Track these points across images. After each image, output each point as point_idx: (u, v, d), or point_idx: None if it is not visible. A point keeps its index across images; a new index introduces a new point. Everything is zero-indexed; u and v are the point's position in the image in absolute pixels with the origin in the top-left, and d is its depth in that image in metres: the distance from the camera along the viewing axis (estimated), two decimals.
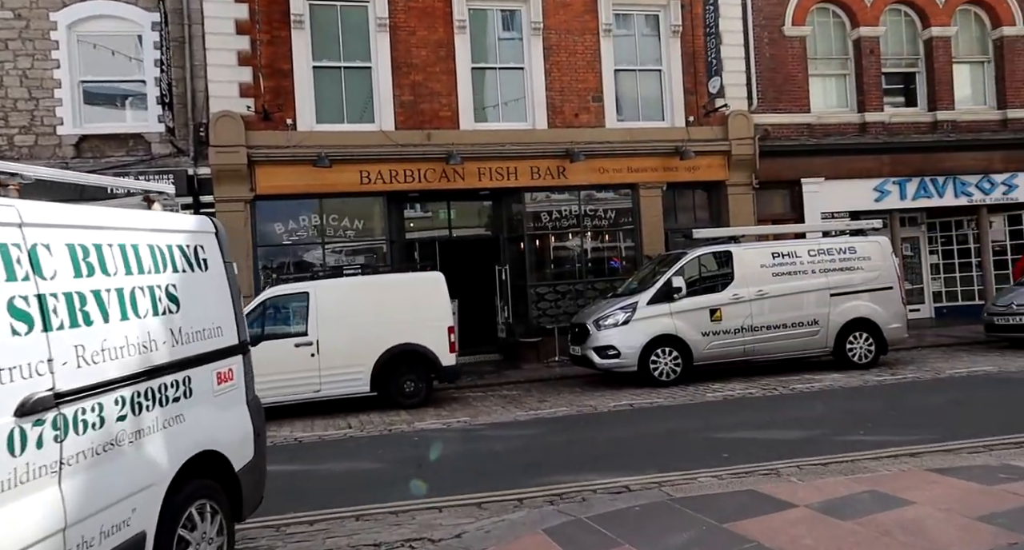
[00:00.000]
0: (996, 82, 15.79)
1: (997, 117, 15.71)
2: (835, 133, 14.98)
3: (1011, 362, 9.93)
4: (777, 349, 10.14)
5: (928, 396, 7.85)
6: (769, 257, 10.19)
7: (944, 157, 15.35)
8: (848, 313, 10.19)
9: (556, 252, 14.16)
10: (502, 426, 7.66)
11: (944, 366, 9.88)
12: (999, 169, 15.59)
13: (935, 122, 15.36)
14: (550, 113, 13.67)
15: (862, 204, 15.06)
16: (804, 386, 8.92)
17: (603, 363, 9.95)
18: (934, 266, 17.18)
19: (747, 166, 14.23)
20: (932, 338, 13.42)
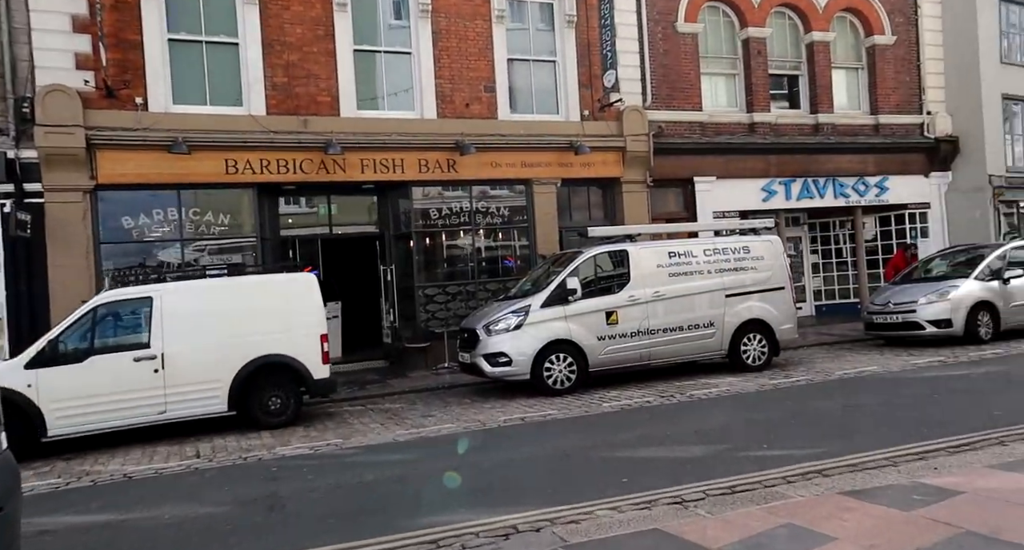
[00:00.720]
0: (869, 88, 16.43)
1: (871, 122, 16.34)
2: (726, 132, 15.02)
3: (891, 361, 10.07)
4: (674, 353, 9.79)
5: (823, 401, 7.65)
6: (666, 257, 9.82)
7: (825, 159, 15.78)
8: (743, 314, 10.00)
9: (446, 251, 13.30)
10: (378, 449, 6.74)
11: (832, 367, 9.87)
12: (872, 172, 16.22)
13: (817, 125, 15.76)
14: (439, 102, 12.79)
15: (751, 204, 15.21)
16: (702, 392, 8.57)
17: (493, 371, 9.21)
18: (815, 265, 17.73)
19: (642, 163, 13.96)
20: (815, 336, 13.66)
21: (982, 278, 11.40)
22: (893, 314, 11.62)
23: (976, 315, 11.09)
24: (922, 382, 8.27)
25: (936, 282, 11.78)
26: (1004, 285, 11.36)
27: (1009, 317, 11.30)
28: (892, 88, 16.48)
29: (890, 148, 16.34)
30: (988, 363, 9.33)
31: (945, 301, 11.14)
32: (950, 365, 9.37)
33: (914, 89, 16.73)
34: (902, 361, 9.93)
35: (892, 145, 16.33)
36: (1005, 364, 9.17)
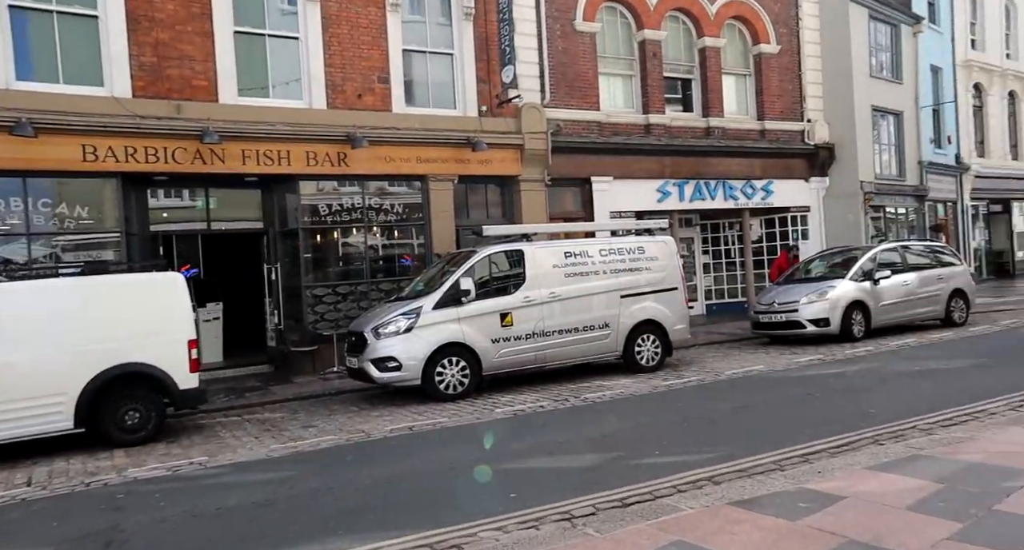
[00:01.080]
0: (756, 95, 17.08)
1: (757, 127, 16.99)
2: (623, 133, 15.15)
3: (776, 360, 10.39)
4: (570, 355, 9.64)
5: (713, 402, 7.70)
6: (561, 257, 9.66)
7: (716, 162, 16.25)
8: (637, 315, 10.00)
9: (337, 249, 12.63)
10: (247, 467, 6.12)
11: (722, 366, 10.05)
12: (759, 176, 16.87)
13: (708, 128, 16.20)
14: (329, 92, 12.10)
15: (646, 204, 15.42)
16: (596, 395, 8.45)
17: (382, 377, 8.72)
18: (706, 265, 18.27)
19: (540, 161, 13.81)
20: (706, 335, 14.01)
21: (856, 279, 12.01)
22: (777, 313, 12.05)
23: (851, 314, 11.66)
24: (804, 381, 8.51)
25: (816, 282, 12.32)
26: (875, 285, 12.02)
27: (879, 316, 11.97)
28: (777, 95, 17.22)
29: (775, 153, 17.06)
30: (861, 360, 9.77)
31: (824, 301, 11.65)
32: (828, 363, 9.74)
33: (796, 97, 17.56)
34: (786, 360, 10.26)
35: (776, 150, 17.05)
36: (876, 361, 9.63)
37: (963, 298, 12.95)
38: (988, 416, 6.23)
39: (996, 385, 7.40)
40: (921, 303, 12.47)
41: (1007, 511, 3.85)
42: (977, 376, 8.13)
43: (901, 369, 8.87)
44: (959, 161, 21.66)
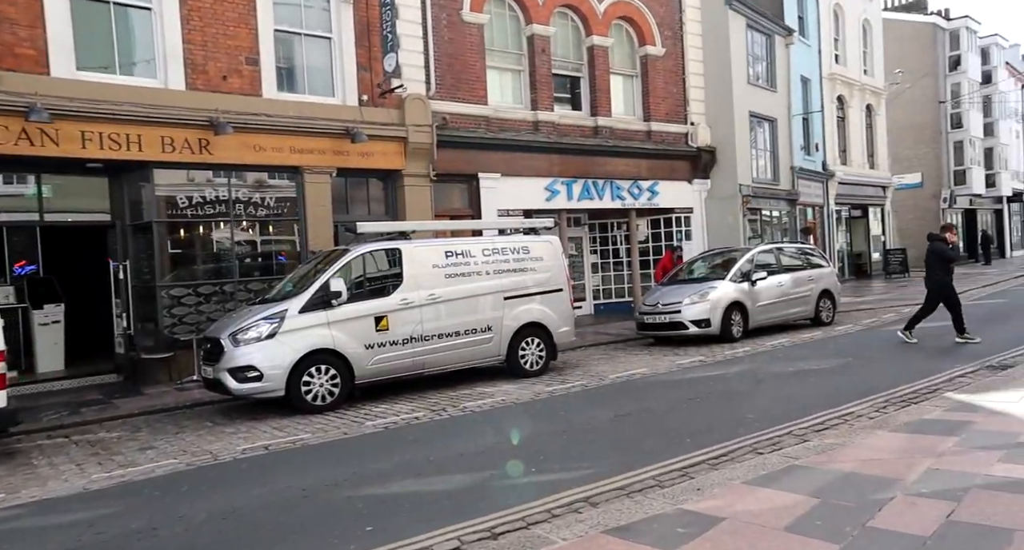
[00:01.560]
0: (643, 96, 17.27)
1: (644, 128, 17.18)
2: (511, 129, 14.81)
3: (659, 361, 10.36)
4: (451, 360, 9.13)
5: (595, 409, 7.43)
6: (442, 256, 9.12)
7: (604, 161, 16.26)
8: (521, 317, 9.63)
9: (199, 245, 11.50)
10: (53, 506, 5.16)
11: (606, 369, 9.88)
12: (645, 176, 17.07)
13: (596, 127, 16.18)
14: (189, 71, 10.94)
15: (535, 203, 15.17)
16: (475, 404, 7.99)
17: (241, 388, 7.85)
18: (594, 265, 18.32)
19: (425, 156, 13.20)
20: (593, 336, 13.94)
21: (735, 280, 12.27)
22: (661, 314, 12.09)
23: (730, 315, 11.88)
24: (685, 384, 8.45)
25: (698, 283, 12.48)
26: (752, 286, 12.32)
27: (756, 316, 12.28)
28: (662, 98, 17.48)
29: (660, 155, 17.32)
30: (740, 362, 9.90)
31: (705, 302, 11.80)
32: (709, 365, 9.80)
33: (680, 100, 17.92)
34: (668, 361, 10.24)
35: (662, 152, 17.32)
36: (753, 362, 9.78)
37: (830, 298, 13.58)
38: (856, 419, 6.30)
39: (861, 385, 7.60)
40: (794, 304, 12.94)
41: (879, 527, 3.72)
42: (844, 376, 8.35)
43: (776, 370, 9.01)
44: (825, 168, 23.03)
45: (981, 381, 7.38)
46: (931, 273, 10.45)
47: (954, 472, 4.43)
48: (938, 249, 10.38)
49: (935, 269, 10.36)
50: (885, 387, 7.45)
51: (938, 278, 10.33)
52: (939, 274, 10.33)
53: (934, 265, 10.39)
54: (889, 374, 8.23)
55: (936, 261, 10.37)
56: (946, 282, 10.29)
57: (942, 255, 10.32)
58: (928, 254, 10.54)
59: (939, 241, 10.50)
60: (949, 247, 10.44)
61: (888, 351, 10.14)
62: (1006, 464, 4.52)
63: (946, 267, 10.36)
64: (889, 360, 9.36)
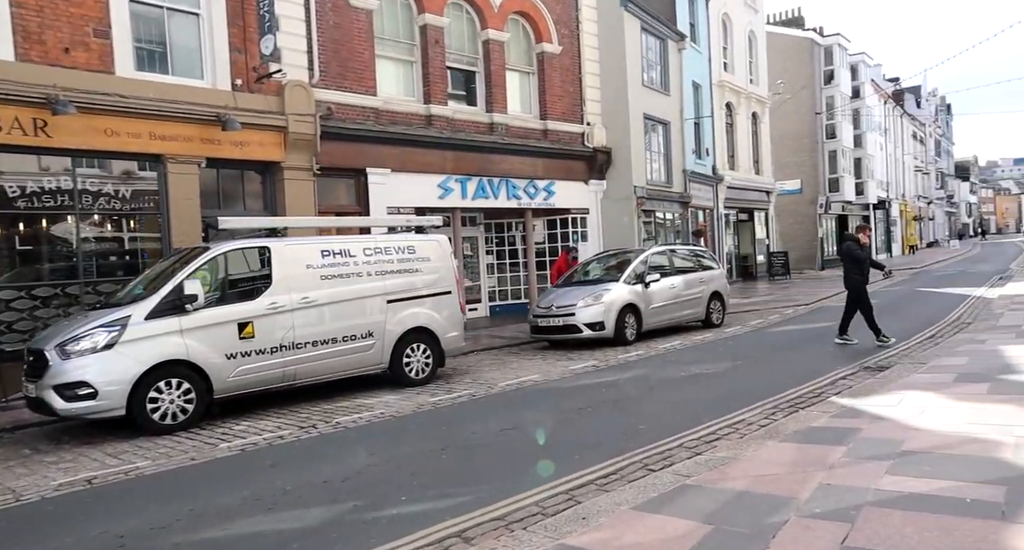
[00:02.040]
0: (539, 94, 16.98)
1: (540, 127, 16.90)
2: (402, 122, 14.07)
3: (552, 367, 9.99)
4: (327, 369, 8.34)
5: (481, 423, 6.90)
6: (318, 256, 8.31)
7: (499, 159, 15.82)
8: (406, 322, 8.97)
9: (37, 242, 10.06)
10: None
11: (497, 376, 9.39)
12: (542, 176, 16.78)
13: (492, 124, 15.71)
14: (20, 39, 9.51)
15: (428, 200, 14.52)
16: (350, 419, 7.26)
17: (70, 408, 6.74)
18: (490, 266, 17.86)
19: (307, 147, 12.24)
20: (487, 339, 13.46)
21: (629, 282, 12.13)
22: (555, 317, 11.76)
23: (624, 317, 11.71)
24: (577, 393, 8.08)
25: (592, 285, 12.25)
26: (646, 288, 12.23)
27: (649, 318, 12.19)
28: (559, 96, 17.26)
29: (557, 154, 17.10)
30: (633, 366, 9.68)
31: (599, 304, 11.57)
32: (602, 370, 9.51)
33: (577, 100, 17.77)
34: (561, 367, 9.89)
35: (558, 151, 17.10)
36: (647, 367, 9.58)
37: (720, 300, 13.75)
38: (747, 427, 6.10)
39: (751, 389, 7.50)
40: (686, 305, 12.98)
41: None
42: (734, 380, 8.27)
43: (669, 375, 8.83)
44: (715, 172, 23.73)
45: (862, 383, 7.44)
46: (847, 273, 10.35)
47: (845, 487, 4.21)
48: (848, 250, 10.36)
49: (850, 269, 10.27)
50: (773, 391, 7.37)
51: (854, 278, 10.24)
52: (854, 274, 10.22)
53: (848, 265, 10.31)
54: (776, 377, 8.21)
55: (849, 261, 10.30)
56: (858, 282, 10.22)
57: (850, 255, 10.30)
58: (841, 255, 10.58)
59: (851, 241, 10.46)
60: (859, 248, 10.32)
61: (775, 353, 10.24)
62: (894, 476, 4.35)
63: (859, 267, 10.30)
64: (776, 362, 9.42)
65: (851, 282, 10.31)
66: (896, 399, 6.42)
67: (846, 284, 10.45)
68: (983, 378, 7.01)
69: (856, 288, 10.26)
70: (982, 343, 9.38)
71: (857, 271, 10.20)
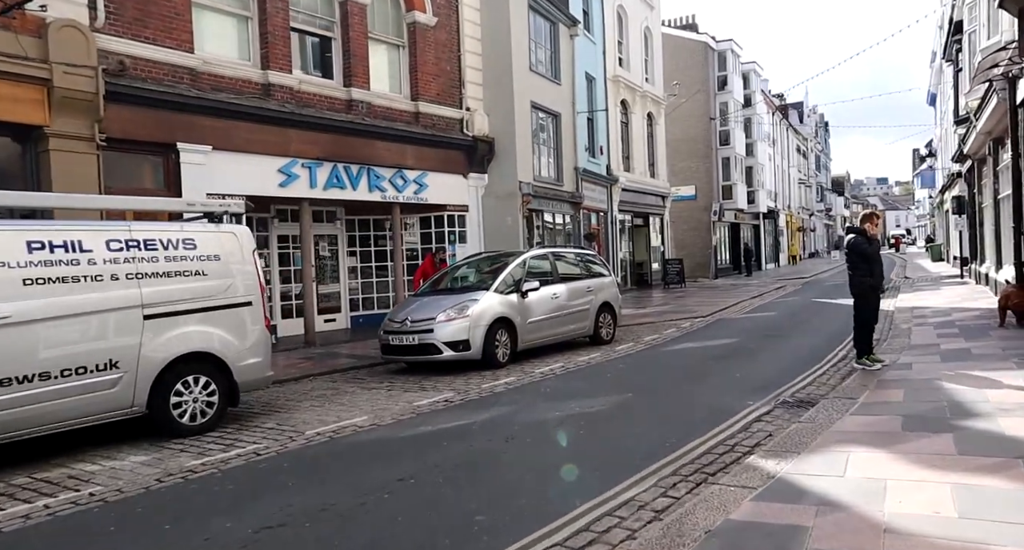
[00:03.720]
0: (410, 71, 14.63)
1: (411, 108, 14.54)
2: (230, 89, 11.31)
3: (393, 402, 7.63)
4: (50, 418, 5.59)
5: (238, 510, 4.47)
6: (23, 250, 5.55)
7: (360, 143, 13.33)
8: (174, 346, 6.32)
9: None
10: None
11: (311, 419, 6.92)
12: (412, 165, 14.42)
13: (350, 101, 13.20)
14: None
15: (265, 188, 11.82)
16: (62, 498, 4.62)
17: None
18: (352, 269, 15.28)
19: (85, 110, 9.30)
20: (333, 360, 10.94)
21: (502, 291, 9.98)
22: (410, 334, 9.42)
23: (495, 334, 9.54)
24: (409, 448, 5.76)
25: (457, 294, 10.00)
26: (523, 298, 10.12)
27: (526, 335, 10.09)
28: (433, 75, 14.97)
29: (431, 141, 14.80)
30: (497, 402, 7.48)
31: (463, 318, 9.34)
32: (455, 407, 7.25)
33: (455, 81, 15.56)
34: (405, 403, 7.54)
35: (432, 138, 14.80)
36: (513, 402, 7.41)
37: (611, 313, 11.88)
38: (634, 517, 4.02)
39: (643, 441, 5.52)
40: (571, 319, 10.99)
41: None
42: (622, 424, 6.26)
43: (539, 417, 6.69)
44: (610, 172, 22.20)
45: (785, 431, 5.58)
46: (853, 274, 8.02)
47: None
48: (854, 245, 7.94)
49: (857, 268, 7.93)
50: (673, 443, 5.39)
51: (861, 280, 7.93)
52: (861, 274, 7.91)
53: (854, 263, 7.96)
54: (676, 418, 6.29)
55: (856, 258, 7.93)
56: (865, 285, 7.91)
57: (857, 250, 7.89)
58: (847, 251, 8.22)
59: (857, 234, 8.02)
60: (868, 241, 7.90)
61: (673, 380, 8.38)
62: None
63: (869, 266, 7.86)
64: (675, 395, 7.52)
65: (856, 285, 7.99)
66: (839, 462, 4.56)
67: (852, 288, 8.10)
68: (938, 425, 5.31)
69: (862, 293, 7.97)
70: (908, 368, 7.90)
71: (865, 270, 7.97)
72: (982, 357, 8.25)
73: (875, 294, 8.12)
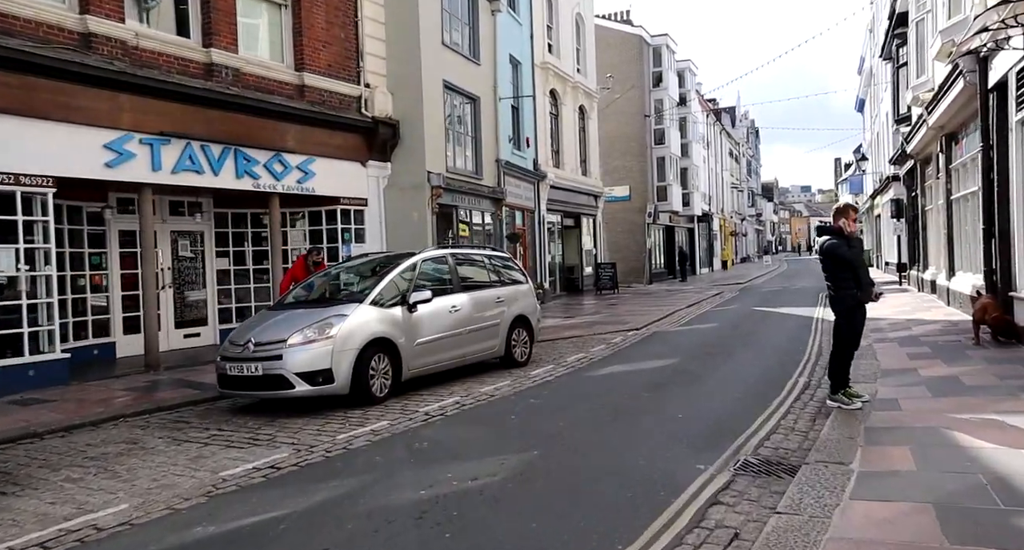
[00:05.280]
0: (293, 35, 12.17)
1: (294, 80, 12.09)
2: (29, 36, 8.63)
3: (188, 474, 5.23)
4: None
5: None
6: None
7: (224, 118, 10.80)
8: None
9: None
10: None
11: (29, 513, 4.47)
12: (294, 148, 11.96)
13: (211, 64, 10.66)
14: None
15: (85, 168, 9.20)
16: None
17: None
18: (223, 273, 12.67)
19: None
20: (165, 392, 8.41)
21: (383, 303, 7.70)
22: (252, 362, 7.02)
23: (369, 360, 7.25)
24: None
25: (324, 308, 7.64)
26: (411, 312, 7.87)
27: (414, 360, 7.84)
28: (324, 42, 12.55)
29: (320, 121, 12.38)
30: (344, 470, 5.17)
31: (325, 340, 7.01)
32: (277, 481, 4.93)
33: (351, 51, 13.18)
34: (207, 472, 5.15)
35: (321, 116, 12.38)
36: (368, 470, 5.12)
37: (527, 328, 9.77)
38: None
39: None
40: (476, 337, 8.80)
41: None
42: (514, 516, 4.11)
43: (391, 502, 4.43)
44: (537, 167, 20.18)
45: (761, 533, 3.56)
46: (834, 287, 6.17)
47: None
48: (831, 249, 6.08)
49: (838, 278, 6.11)
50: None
51: (845, 294, 6.12)
52: (845, 286, 6.10)
53: (833, 273, 6.14)
54: (595, 495, 4.23)
55: (834, 266, 6.11)
56: (850, 300, 6.11)
57: (834, 255, 6.07)
58: (822, 257, 6.21)
59: (832, 236, 6.15)
60: (847, 244, 6.09)
61: (594, 423, 6.31)
62: None
63: (852, 272, 6.05)
64: (595, 448, 5.44)
65: (841, 301, 6.17)
66: None
67: (833, 304, 6.30)
68: (995, 526, 3.40)
69: (847, 310, 6.16)
70: (895, 406, 6.10)
71: (849, 281, 6.09)
72: (979, 389, 6.54)
73: (862, 311, 6.25)
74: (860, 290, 6.08)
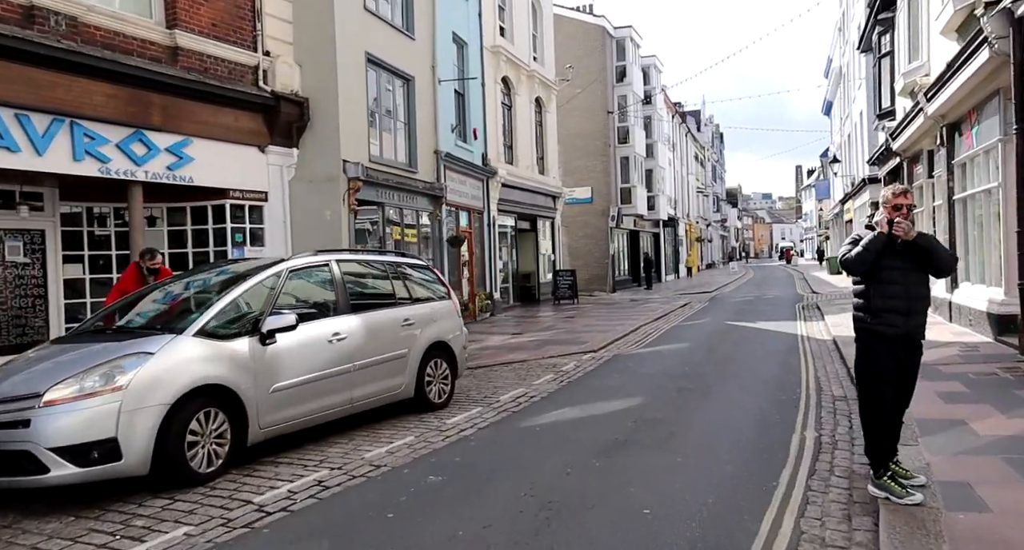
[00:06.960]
0: None
1: (163, 40, 9.55)
2: None
3: None
4: None
5: None
6: None
7: (54, 81, 8.22)
8: None
9: None
10: None
11: None
12: (161, 126, 9.41)
13: (31, 8, 8.08)
14: None
15: None
16: None
17: None
18: (71, 283, 10.01)
19: None
20: None
21: (217, 333, 5.27)
22: None
23: (189, 420, 4.81)
24: None
25: (119, 342, 5.15)
26: (263, 346, 5.44)
27: (269, 413, 5.41)
28: None
29: (200, 92, 9.85)
30: None
31: (110, 393, 4.55)
32: None
33: (246, 10, 10.70)
34: None
35: (204, 88, 9.86)
36: None
37: (447, 357, 7.40)
38: None
39: None
40: (371, 375, 6.40)
41: None
42: None
43: None
44: (485, 162, 17.85)
45: None
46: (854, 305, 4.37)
47: None
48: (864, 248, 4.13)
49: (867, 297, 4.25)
50: None
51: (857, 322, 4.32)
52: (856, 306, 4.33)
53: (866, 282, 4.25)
54: None
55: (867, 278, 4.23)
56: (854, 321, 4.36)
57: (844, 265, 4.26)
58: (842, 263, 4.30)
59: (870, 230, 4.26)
60: (887, 242, 4.09)
61: (519, 529, 3.97)
62: None
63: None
64: None
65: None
66: None
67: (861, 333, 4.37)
68: None
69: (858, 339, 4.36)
70: (973, 497, 3.98)
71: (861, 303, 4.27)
72: None
73: (885, 346, 4.19)
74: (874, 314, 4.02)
